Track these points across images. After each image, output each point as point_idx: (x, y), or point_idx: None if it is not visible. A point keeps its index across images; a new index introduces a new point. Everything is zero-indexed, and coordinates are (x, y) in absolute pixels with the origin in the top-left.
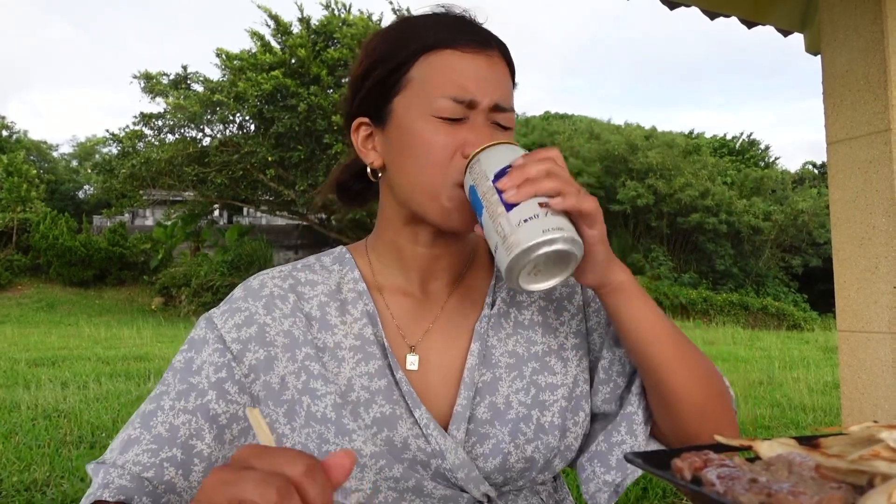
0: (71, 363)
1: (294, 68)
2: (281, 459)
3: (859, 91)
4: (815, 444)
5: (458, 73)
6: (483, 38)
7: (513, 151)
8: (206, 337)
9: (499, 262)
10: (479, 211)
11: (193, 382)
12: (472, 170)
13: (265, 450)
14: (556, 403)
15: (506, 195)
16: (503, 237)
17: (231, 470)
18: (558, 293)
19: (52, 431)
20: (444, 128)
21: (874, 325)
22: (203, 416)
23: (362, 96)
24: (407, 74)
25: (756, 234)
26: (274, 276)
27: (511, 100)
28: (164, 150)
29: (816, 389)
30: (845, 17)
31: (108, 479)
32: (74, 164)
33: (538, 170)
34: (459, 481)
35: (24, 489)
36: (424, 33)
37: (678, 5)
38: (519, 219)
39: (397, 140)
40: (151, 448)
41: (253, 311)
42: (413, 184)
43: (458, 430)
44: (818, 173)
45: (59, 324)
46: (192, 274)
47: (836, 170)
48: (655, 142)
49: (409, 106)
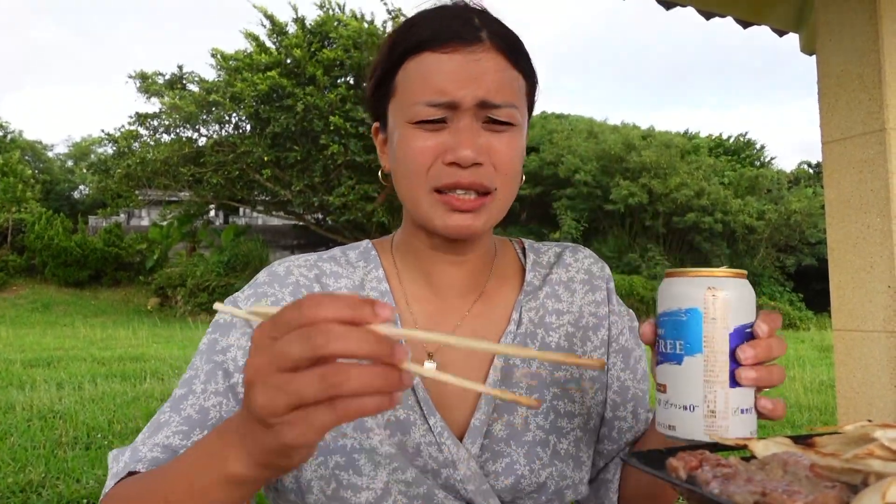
0: (66, 364)
1: (290, 68)
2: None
3: (854, 91)
4: (810, 443)
5: (433, 75)
6: (468, 32)
7: (749, 298)
8: (232, 320)
9: (685, 421)
10: (683, 335)
11: (223, 365)
12: (713, 293)
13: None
14: (573, 432)
15: (740, 372)
16: (711, 409)
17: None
18: (585, 321)
19: (48, 432)
20: (424, 134)
21: (869, 324)
22: (234, 398)
23: (370, 101)
24: (394, 81)
25: (751, 233)
26: (300, 264)
27: (506, 92)
28: (159, 151)
29: (812, 388)
30: (840, 17)
31: (140, 455)
32: (70, 164)
33: (780, 351)
34: (469, 494)
35: (19, 490)
36: (408, 36)
37: (674, 5)
38: (737, 406)
39: (391, 146)
40: (182, 430)
41: (279, 297)
42: (402, 190)
43: (473, 443)
44: (813, 173)
45: (54, 324)
46: (187, 274)
47: (831, 169)
48: (653, 141)
49: (395, 113)
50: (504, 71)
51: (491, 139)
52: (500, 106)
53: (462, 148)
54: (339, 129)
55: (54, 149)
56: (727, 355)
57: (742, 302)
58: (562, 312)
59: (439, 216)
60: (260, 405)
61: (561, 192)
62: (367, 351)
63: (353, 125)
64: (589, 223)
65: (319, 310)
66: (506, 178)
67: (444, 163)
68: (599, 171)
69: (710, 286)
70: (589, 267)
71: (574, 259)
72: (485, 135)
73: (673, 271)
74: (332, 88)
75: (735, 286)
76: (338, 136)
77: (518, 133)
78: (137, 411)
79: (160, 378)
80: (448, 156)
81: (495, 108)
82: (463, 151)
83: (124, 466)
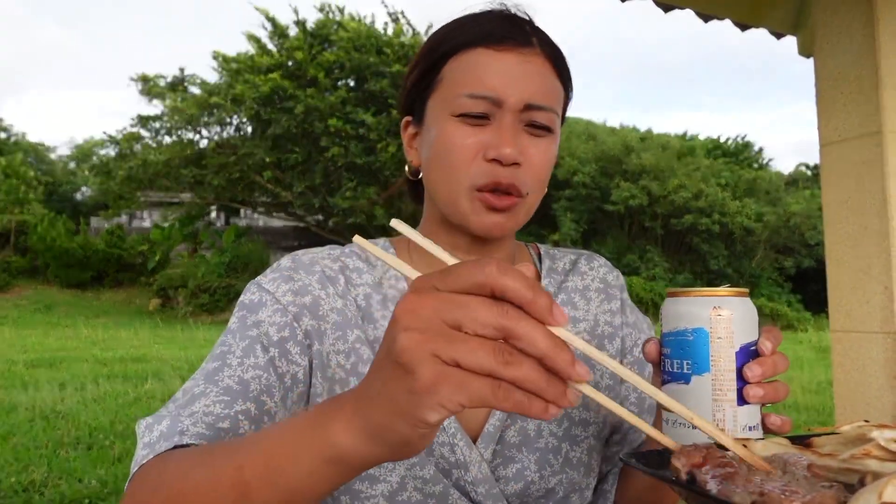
0: (68, 364)
1: (291, 70)
2: (461, 275)
3: (851, 93)
4: (807, 443)
5: (482, 69)
6: (520, 35)
7: (752, 316)
8: (262, 299)
9: (697, 439)
10: (690, 355)
11: (259, 339)
12: (718, 312)
13: (437, 276)
14: (587, 440)
15: (748, 390)
16: (720, 428)
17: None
18: (601, 330)
19: (50, 432)
20: (466, 129)
21: (867, 326)
22: (273, 372)
23: (406, 95)
24: (439, 74)
25: (749, 234)
26: (323, 256)
27: (551, 99)
28: (161, 153)
29: (810, 389)
30: (838, 20)
31: (181, 426)
32: (72, 166)
33: (784, 368)
34: (479, 496)
35: (21, 490)
36: (459, 32)
37: (672, 7)
38: (746, 423)
39: (427, 140)
40: (223, 399)
41: (307, 283)
42: (436, 184)
43: (486, 448)
44: (811, 175)
45: (56, 325)
46: (189, 275)
47: (829, 171)
48: (651, 143)
49: (437, 106)
50: (550, 78)
51: (530, 143)
52: (545, 108)
53: (505, 145)
54: (339, 132)
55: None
56: (734, 374)
57: (746, 320)
58: (578, 320)
59: (475, 214)
60: (414, 343)
61: (560, 193)
62: (547, 351)
63: (354, 127)
64: (588, 225)
65: (507, 279)
66: (537, 184)
67: (485, 159)
68: (598, 173)
69: (716, 306)
70: (604, 276)
71: (589, 267)
72: (525, 137)
73: (676, 291)
74: (333, 90)
75: (739, 305)
76: (338, 138)
77: (554, 141)
78: (139, 412)
79: (162, 379)
80: (490, 152)
81: (539, 111)
82: (505, 149)
83: (161, 436)
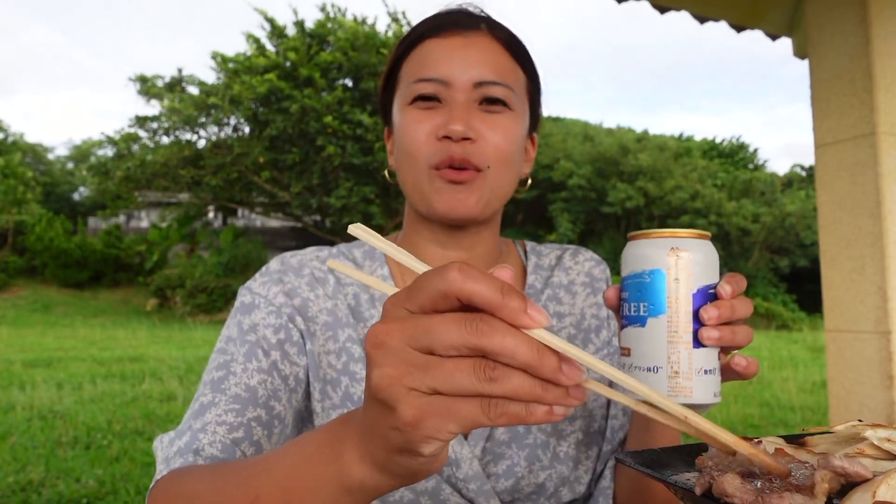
0: (66, 364)
1: (288, 71)
2: (422, 293)
3: (846, 95)
4: (802, 442)
5: (428, 56)
6: (465, 20)
7: (713, 260)
8: (254, 301)
9: (652, 382)
10: (647, 297)
11: (258, 344)
12: (676, 254)
13: (403, 295)
14: (574, 434)
15: (703, 332)
16: (674, 370)
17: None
18: (587, 324)
19: (48, 432)
20: (419, 113)
21: (861, 325)
22: (277, 375)
23: (380, 104)
24: (397, 75)
25: (745, 235)
26: (311, 258)
27: (503, 75)
28: (158, 153)
29: (805, 389)
30: (832, 22)
31: (196, 444)
32: (70, 166)
33: (744, 312)
34: (470, 493)
35: (19, 490)
36: (411, 34)
37: (668, 9)
38: (701, 367)
39: (395, 138)
40: (234, 408)
41: (296, 286)
42: (403, 175)
43: (475, 445)
44: (806, 176)
45: (54, 325)
46: (186, 275)
47: (824, 172)
48: (648, 144)
49: (397, 103)
50: (500, 56)
51: (485, 118)
52: (496, 83)
53: (453, 122)
54: (336, 132)
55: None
56: (690, 316)
57: (706, 263)
58: (563, 315)
59: (436, 193)
60: (388, 380)
61: (556, 195)
62: (529, 361)
63: (351, 127)
64: (585, 225)
65: (471, 284)
66: (498, 159)
67: (437, 138)
68: (594, 174)
69: (674, 247)
70: (590, 270)
71: (574, 262)
72: (479, 115)
73: (636, 234)
74: (330, 91)
75: (699, 247)
76: (335, 138)
77: (514, 118)
78: (136, 411)
79: (159, 378)
80: (440, 131)
81: (491, 86)
82: (454, 125)
83: (178, 451)
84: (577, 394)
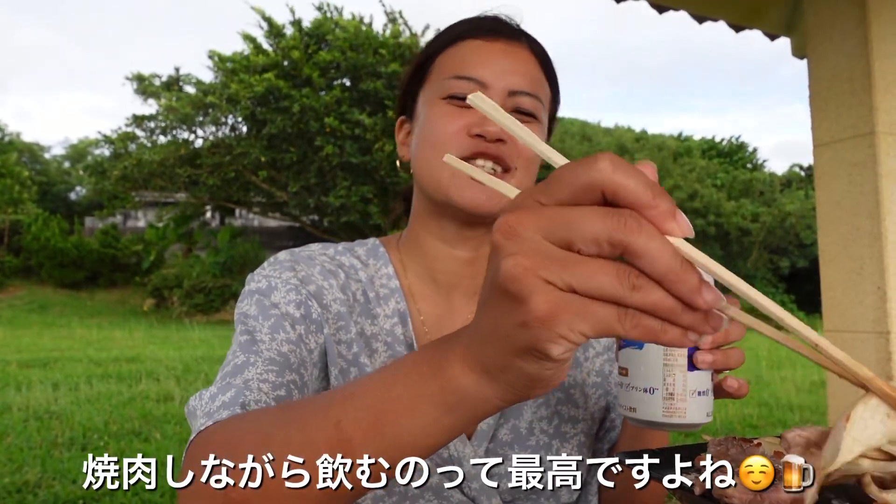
0: (62, 364)
1: (286, 70)
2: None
3: (844, 95)
4: None
5: (470, 55)
6: (508, 30)
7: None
8: (271, 284)
9: (645, 404)
10: None
11: (283, 318)
12: None
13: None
14: (576, 437)
15: (698, 356)
16: (669, 392)
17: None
18: None
19: (44, 433)
20: (452, 109)
21: (859, 325)
22: (304, 347)
23: (401, 95)
24: (430, 67)
25: (744, 235)
26: (319, 252)
27: (536, 87)
28: (155, 152)
29: (803, 389)
30: (831, 21)
31: (244, 399)
32: (66, 165)
33: (737, 336)
34: (472, 492)
35: (15, 490)
36: (449, 31)
37: (667, 9)
38: (695, 388)
39: (417, 129)
40: (272, 369)
41: (309, 273)
42: (421, 164)
43: (479, 446)
44: (805, 176)
45: (50, 325)
46: (183, 275)
47: (822, 172)
48: (646, 144)
49: (427, 94)
50: (535, 69)
51: None
52: (530, 95)
53: (490, 123)
54: (334, 131)
55: (51, 150)
56: None
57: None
58: None
59: (456, 187)
60: (522, 269)
61: None
62: (669, 273)
63: (349, 127)
64: None
65: (621, 177)
66: (526, 163)
67: (468, 135)
68: None
69: None
70: None
71: None
72: None
73: None
74: (328, 90)
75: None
76: (333, 137)
77: (540, 129)
78: (133, 412)
79: (156, 379)
80: (474, 128)
81: (525, 97)
82: (490, 126)
83: (223, 405)
84: (715, 322)
